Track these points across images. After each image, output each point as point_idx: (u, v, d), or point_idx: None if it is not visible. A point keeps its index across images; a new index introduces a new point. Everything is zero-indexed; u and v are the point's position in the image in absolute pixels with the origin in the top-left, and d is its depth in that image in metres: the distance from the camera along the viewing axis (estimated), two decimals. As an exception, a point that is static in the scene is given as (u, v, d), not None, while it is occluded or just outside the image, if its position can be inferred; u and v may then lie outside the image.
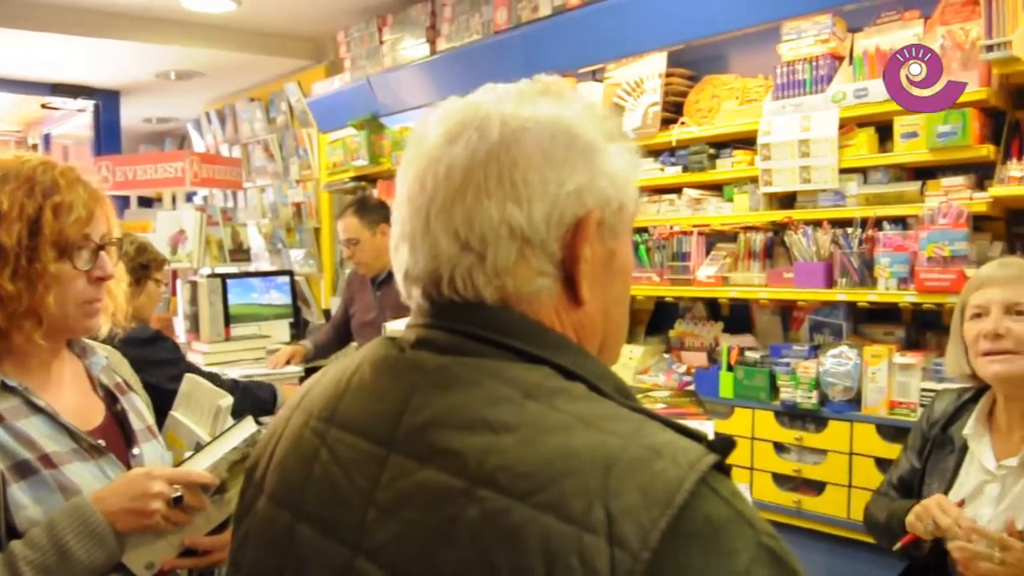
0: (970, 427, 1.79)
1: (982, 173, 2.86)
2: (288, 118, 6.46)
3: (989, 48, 2.61)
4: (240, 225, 5.57)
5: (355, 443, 0.73)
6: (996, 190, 2.70)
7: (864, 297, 2.98)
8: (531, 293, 0.74)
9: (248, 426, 1.44)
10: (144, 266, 2.76)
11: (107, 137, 6.96)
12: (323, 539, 0.72)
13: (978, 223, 2.87)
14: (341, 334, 4.05)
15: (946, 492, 1.78)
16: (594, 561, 0.57)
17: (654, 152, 3.66)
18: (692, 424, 0.67)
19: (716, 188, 3.57)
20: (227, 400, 1.64)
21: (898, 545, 1.76)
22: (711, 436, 0.66)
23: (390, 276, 3.51)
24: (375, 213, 3.67)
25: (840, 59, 3.16)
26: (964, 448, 1.79)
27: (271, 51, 5.90)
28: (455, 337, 0.73)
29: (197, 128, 7.82)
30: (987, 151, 2.77)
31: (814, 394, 3.07)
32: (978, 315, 1.72)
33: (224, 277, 4.26)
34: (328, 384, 0.82)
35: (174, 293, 4.73)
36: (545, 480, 0.61)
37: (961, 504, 1.68)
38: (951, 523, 1.62)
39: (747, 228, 3.40)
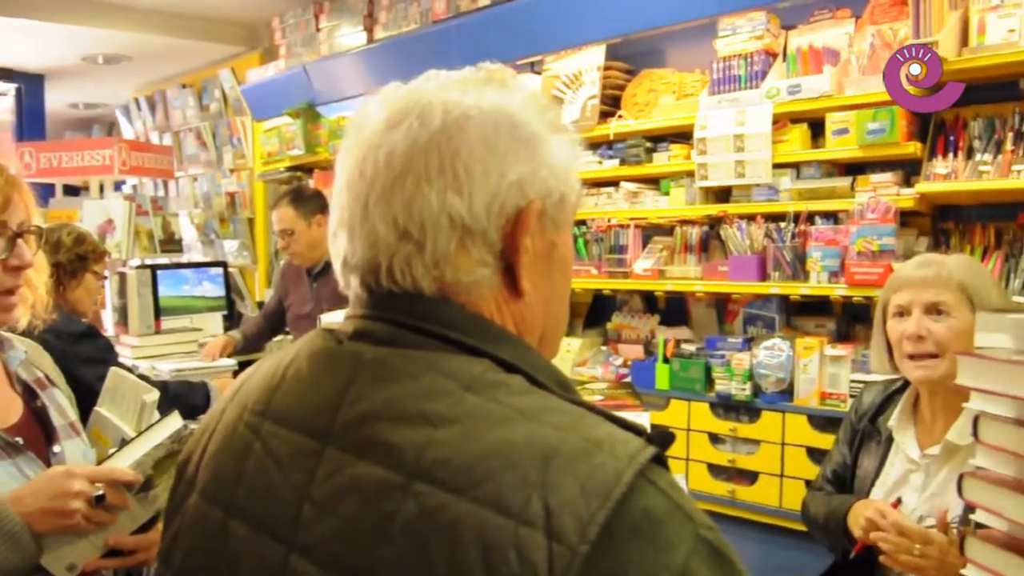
0: (895, 419, 1.83)
1: (909, 170, 2.94)
2: (221, 106, 6.33)
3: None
4: (172, 215, 5.44)
5: (290, 437, 0.71)
6: (922, 186, 2.78)
7: (796, 290, 3.04)
8: (470, 284, 0.73)
9: (174, 421, 1.40)
10: (82, 257, 2.65)
11: (30, 122, 6.73)
12: (256, 536, 0.70)
13: (905, 218, 2.94)
14: (272, 324, 3.98)
15: (874, 482, 1.82)
16: (532, 555, 0.56)
17: (592, 145, 3.68)
18: (628, 416, 0.66)
19: (653, 182, 3.60)
20: (153, 395, 1.59)
21: (852, 555, 1.78)
22: (647, 428, 0.65)
23: (327, 268, 3.46)
24: (311, 203, 3.61)
25: (774, 56, 3.22)
26: (890, 439, 1.84)
27: (203, 36, 5.76)
28: (393, 328, 0.72)
29: (126, 114, 7.61)
30: (914, 148, 2.84)
31: (748, 385, 3.12)
32: (900, 314, 1.76)
33: (154, 268, 4.15)
34: (263, 376, 0.80)
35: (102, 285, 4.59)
36: (483, 474, 0.60)
37: (897, 504, 1.72)
38: (896, 529, 1.65)
39: (683, 221, 3.44)
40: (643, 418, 1.62)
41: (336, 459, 0.67)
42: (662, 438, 0.65)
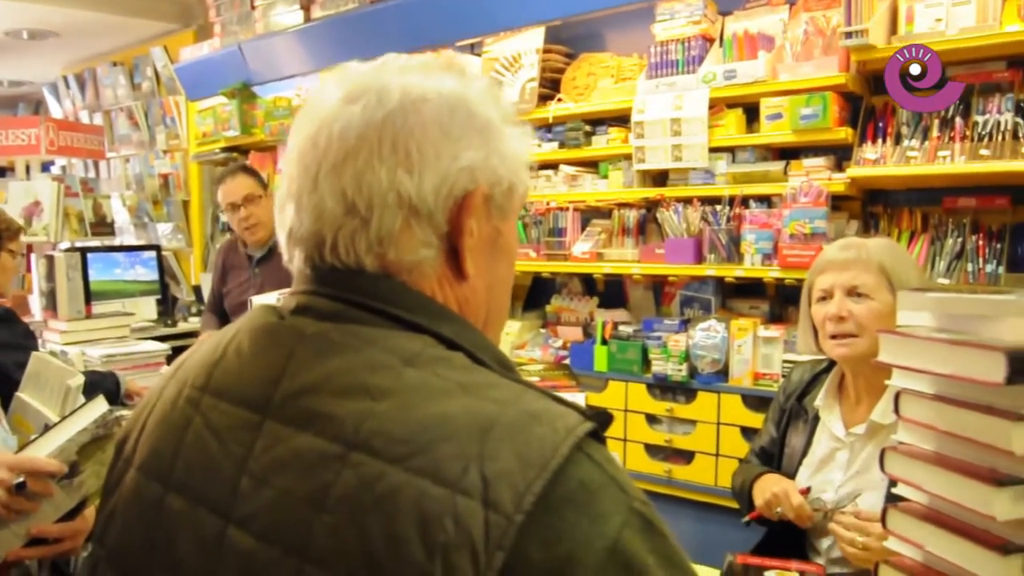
0: (821, 398, 1.88)
1: (841, 155, 3.00)
2: (154, 85, 6.17)
3: (848, 35, 2.73)
4: (103, 197, 5.31)
5: (230, 410, 0.71)
6: (853, 171, 2.84)
7: (731, 272, 3.10)
8: (413, 263, 0.73)
9: (99, 406, 1.37)
10: None
11: (-49, 100, 6.48)
12: (194, 509, 0.69)
13: (836, 202, 3.01)
14: (225, 316, 3.82)
15: (801, 459, 1.87)
16: (468, 524, 0.57)
17: (531, 128, 3.66)
18: (565, 395, 0.67)
19: (592, 165, 3.62)
20: (77, 379, 1.55)
21: (745, 519, 1.87)
22: (584, 407, 0.67)
23: (271, 252, 3.37)
24: (260, 175, 3.51)
25: (711, 41, 3.25)
26: (817, 417, 1.88)
27: (134, 12, 5.60)
28: (336, 304, 0.72)
29: (54, 93, 7.36)
30: (845, 134, 2.90)
31: (684, 367, 3.17)
32: (823, 298, 1.80)
33: (84, 251, 4.05)
34: (204, 353, 0.80)
35: (29, 269, 4.47)
36: (421, 444, 0.61)
37: (807, 492, 1.78)
38: (796, 511, 1.76)
39: (621, 205, 3.47)
40: (579, 399, 1.63)
41: (275, 431, 0.67)
42: (600, 416, 0.67)
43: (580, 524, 0.58)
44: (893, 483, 1.22)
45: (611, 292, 3.74)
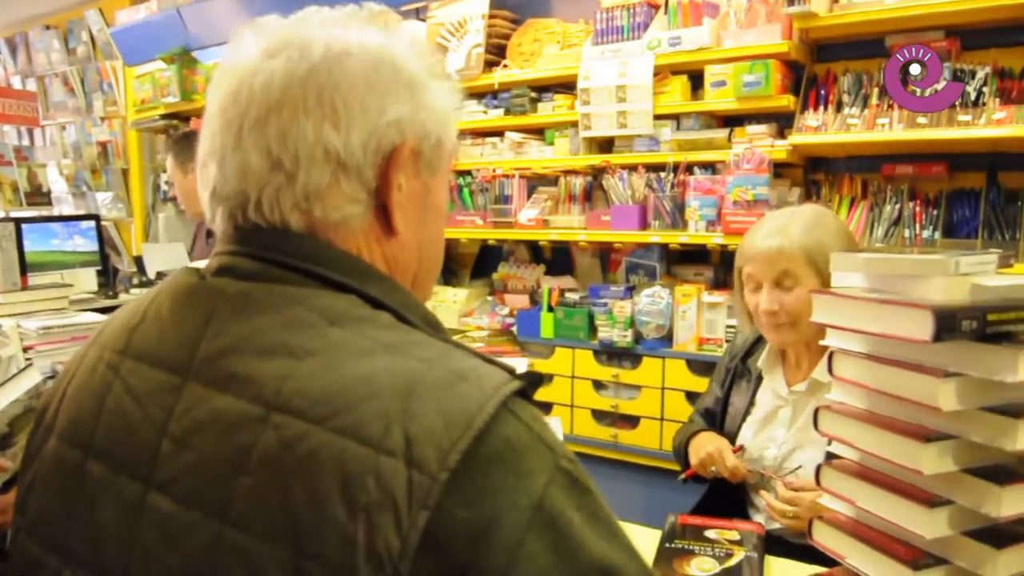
0: (763, 360, 1.92)
1: (783, 123, 3.03)
2: (90, 49, 5.98)
3: (790, 2, 2.75)
4: (38, 166, 5.15)
5: (150, 374, 0.70)
6: (795, 138, 2.87)
7: (676, 239, 3.12)
8: (339, 221, 0.72)
9: (31, 376, 1.34)
10: None
11: None
12: (114, 475, 0.68)
13: (779, 170, 3.05)
14: None
15: (744, 417, 1.91)
16: (391, 483, 0.56)
17: (477, 95, 3.65)
18: (507, 361, 0.67)
19: (538, 132, 3.61)
20: (9, 349, 1.51)
21: (681, 476, 1.90)
22: (516, 369, 0.66)
23: None
24: (189, 149, 3.44)
25: (656, 7, 3.25)
26: (760, 377, 1.92)
27: (67, -26, 5.42)
28: (259, 264, 0.71)
29: (-16, 57, 7.12)
30: (787, 101, 2.93)
31: (629, 333, 3.20)
32: (753, 288, 1.80)
33: (19, 221, 3.94)
34: (124, 317, 0.78)
35: (-39, 239, 4.32)
36: (344, 404, 0.60)
37: (740, 450, 1.82)
38: (730, 471, 1.80)
39: (567, 172, 3.47)
40: (522, 364, 1.64)
41: (196, 394, 0.66)
42: (529, 375, 0.66)
43: (506, 482, 0.58)
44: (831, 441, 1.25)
45: (558, 259, 3.75)
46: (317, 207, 0.71)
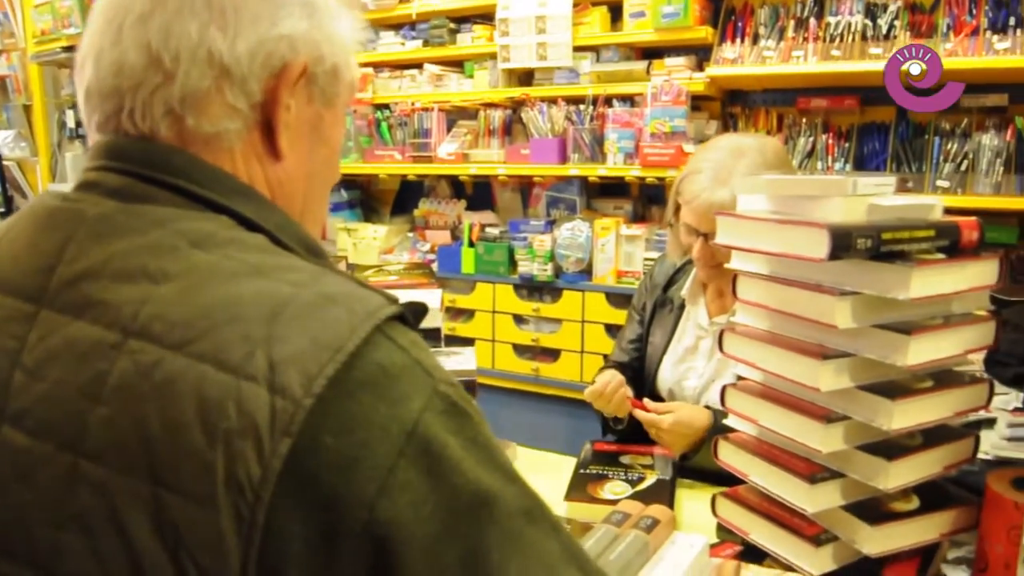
0: (686, 289, 1.91)
1: (702, 55, 3.03)
2: (-18, -25, 5.64)
3: (708, -70, 2.73)
4: (-70, 100, 4.87)
5: (3, 302, 0.65)
6: (712, 70, 2.88)
7: (595, 172, 3.12)
8: (212, 135, 0.68)
9: None
10: None
11: None
12: None
13: (697, 103, 3.06)
14: None
15: (666, 347, 1.91)
16: (252, 410, 0.54)
17: (394, 25, 3.57)
18: (421, 294, 0.64)
19: (457, 64, 3.55)
20: None
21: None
22: (435, 305, 0.64)
23: None
24: None
25: (575, -64, 3.19)
26: (682, 307, 1.92)
27: None
28: (125, 179, 0.67)
29: None
30: (706, 33, 2.93)
31: (549, 266, 3.21)
32: (689, 231, 1.77)
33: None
34: None
35: None
36: (204, 328, 0.57)
37: (641, 404, 1.83)
38: (616, 407, 1.77)
39: (487, 105, 3.42)
40: (435, 296, 1.61)
41: (50, 321, 0.62)
42: (412, 305, 0.64)
43: (377, 409, 0.56)
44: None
45: (480, 195, 3.72)
46: (191, 115, 0.67)
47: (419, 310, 0.65)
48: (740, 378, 1.30)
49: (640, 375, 1.97)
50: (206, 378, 0.55)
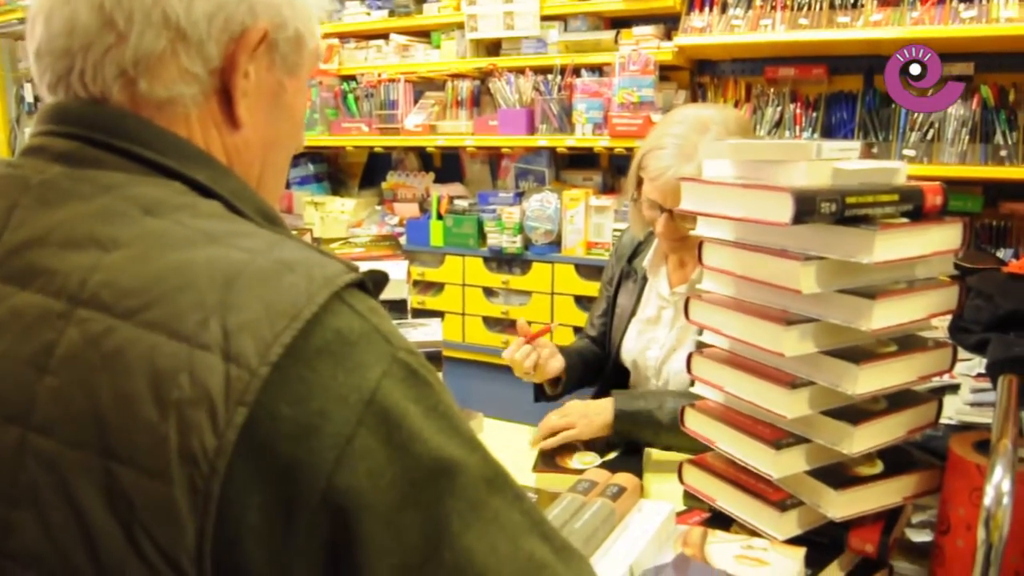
0: (648, 259, 1.91)
1: (670, 25, 3.01)
2: (-66, -57, 5.48)
3: (676, -103, 2.70)
4: None
5: None
6: (680, 39, 2.86)
7: (563, 143, 3.10)
8: (165, 100, 0.66)
9: None
10: None
11: None
12: None
13: (666, 72, 3.04)
14: None
15: (630, 319, 1.92)
16: (206, 379, 0.52)
17: (360, -5, 3.51)
18: (387, 264, 0.62)
19: (424, 34, 3.50)
20: None
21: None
22: (401, 277, 0.62)
23: None
24: None
25: (543, -98, 3.15)
26: (645, 278, 1.93)
27: None
28: (73, 143, 0.65)
29: None
30: (674, 2, 2.91)
31: (519, 239, 3.20)
32: (651, 205, 1.75)
33: None
34: None
35: None
36: (155, 296, 0.55)
37: (548, 332, 1.84)
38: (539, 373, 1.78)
39: (454, 76, 3.39)
40: (400, 267, 1.60)
41: None
42: (373, 273, 0.62)
43: (335, 376, 0.55)
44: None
45: (448, 167, 3.70)
46: (144, 79, 0.65)
47: (379, 279, 0.64)
48: (701, 346, 1.29)
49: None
50: (158, 348, 0.53)
